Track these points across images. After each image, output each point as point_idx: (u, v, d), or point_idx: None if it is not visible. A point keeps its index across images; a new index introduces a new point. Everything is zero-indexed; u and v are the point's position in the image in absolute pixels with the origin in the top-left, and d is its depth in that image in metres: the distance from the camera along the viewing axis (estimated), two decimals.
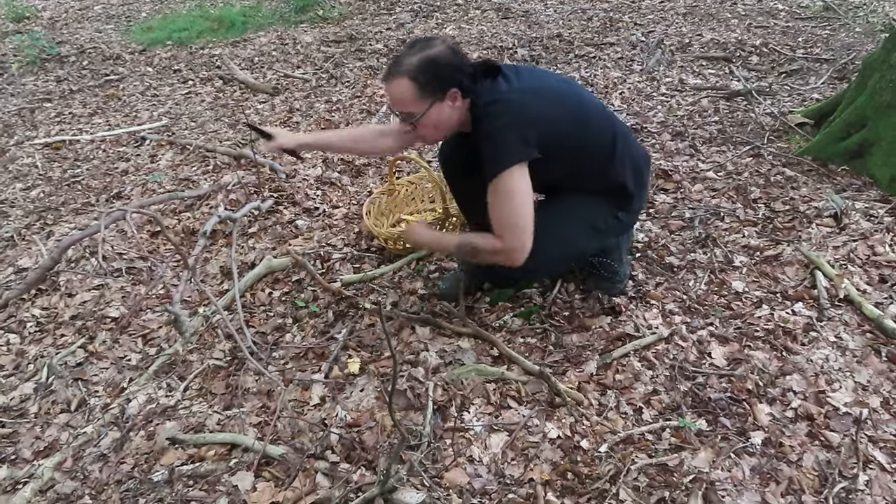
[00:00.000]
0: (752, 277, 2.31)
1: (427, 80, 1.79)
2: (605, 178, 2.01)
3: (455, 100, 1.85)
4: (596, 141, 1.96)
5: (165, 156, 3.83)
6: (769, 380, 1.90)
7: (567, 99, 1.94)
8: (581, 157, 1.96)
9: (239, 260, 2.75)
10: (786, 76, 4.05)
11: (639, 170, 2.07)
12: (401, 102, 1.86)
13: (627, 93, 3.95)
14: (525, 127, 1.81)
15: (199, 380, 2.19)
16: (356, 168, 3.43)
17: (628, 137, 2.07)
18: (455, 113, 1.89)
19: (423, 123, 1.89)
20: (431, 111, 1.85)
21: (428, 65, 1.79)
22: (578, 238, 2.08)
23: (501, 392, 1.97)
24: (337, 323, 2.34)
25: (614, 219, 2.07)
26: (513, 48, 4.98)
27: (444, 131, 1.96)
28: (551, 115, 1.86)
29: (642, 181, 2.09)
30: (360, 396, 1.99)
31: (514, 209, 1.85)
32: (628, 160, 2.02)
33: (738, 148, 3.16)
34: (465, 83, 1.84)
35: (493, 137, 1.83)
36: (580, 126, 1.92)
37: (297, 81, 4.90)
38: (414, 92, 1.81)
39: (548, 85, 1.95)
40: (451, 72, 1.82)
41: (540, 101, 1.86)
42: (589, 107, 1.98)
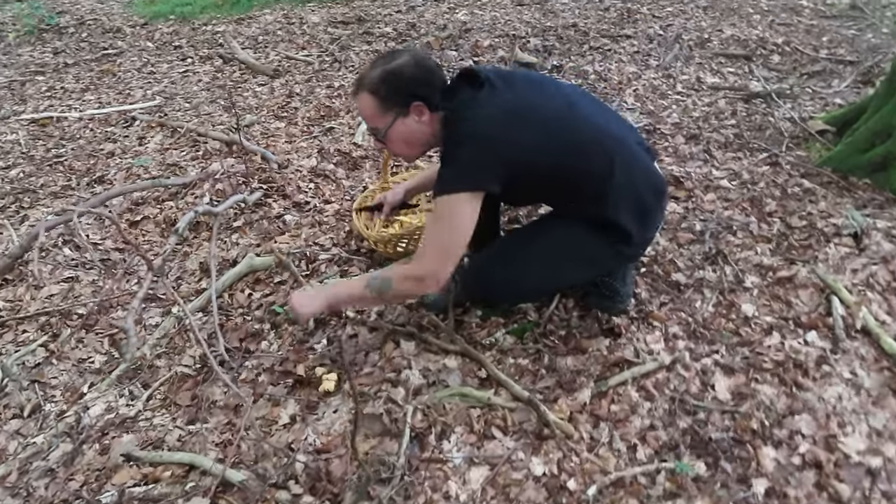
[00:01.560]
0: (764, 300, 2.14)
1: (388, 93, 1.73)
2: (595, 212, 1.81)
3: (421, 114, 1.76)
4: (580, 171, 1.76)
5: (154, 138, 3.67)
6: (776, 419, 1.74)
7: (554, 122, 1.72)
8: (564, 189, 1.79)
9: (220, 256, 2.60)
10: (808, 77, 3.85)
11: (642, 205, 1.83)
12: (367, 118, 1.82)
13: (642, 90, 3.76)
14: (488, 154, 1.66)
15: (164, 388, 2.05)
16: (353, 160, 3.27)
17: (634, 165, 1.82)
18: (424, 128, 1.78)
19: (389, 139, 1.81)
20: (395, 126, 1.77)
21: (388, 78, 1.72)
22: (569, 269, 1.93)
23: (486, 420, 1.82)
24: (317, 332, 2.19)
25: (611, 250, 1.89)
26: (525, 37, 4.78)
27: (416, 148, 1.85)
28: (527, 142, 1.67)
29: (647, 216, 1.86)
30: (332, 419, 1.85)
31: (445, 234, 1.71)
32: (629, 194, 1.79)
33: (754, 155, 2.98)
34: (430, 97, 1.74)
35: (450, 159, 1.71)
36: (565, 156, 1.72)
37: (300, 64, 4.72)
38: (376, 106, 1.76)
39: (535, 103, 1.74)
40: (413, 85, 1.73)
41: (517, 124, 1.68)
42: (582, 132, 1.75)
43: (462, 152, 1.69)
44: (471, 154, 1.68)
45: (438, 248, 1.73)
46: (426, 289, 1.77)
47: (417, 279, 1.75)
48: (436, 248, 1.73)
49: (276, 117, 3.88)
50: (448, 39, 4.97)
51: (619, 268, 2.03)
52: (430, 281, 1.73)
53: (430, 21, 5.43)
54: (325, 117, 3.83)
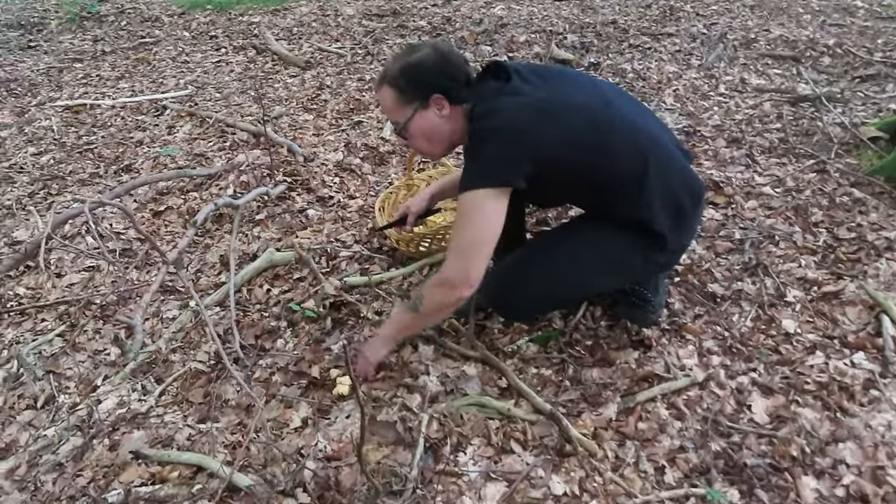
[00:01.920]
0: (807, 317, 2.01)
1: (406, 86, 1.68)
2: (627, 212, 1.70)
3: (441, 107, 1.69)
4: (613, 171, 1.65)
5: (184, 128, 3.65)
6: (818, 446, 1.62)
7: (583, 118, 1.62)
8: (594, 188, 1.69)
9: (241, 250, 2.55)
10: (860, 81, 3.66)
11: (678, 208, 1.72)
12: (387, 111, 1.77)
13: (682, 90, 3.61)
14: (513, 149, 1.57)
15: (177, 384, 2.00)
16: (379, 155, 3.19)
17: (670, 165, 1.71)
18: (446, 123, 1.71)
19: (410, 133, 1.74)
20: (415, 119, 1.71)
21: (408, 70, 1.67)
22: (598, 276, 1.81)
23: (505, 432, 1.72)
24: (334, 332, 2.12)
25: (642, 258, 1.78)
26: (563, 33, 4.66)
27: (439, 144, 1.77)
28: (556, 137, 1.57)
29: (683, 220, 1.75)
30: (344, 424, 1.77)
31: (470, 232, 1.62)
32: (663, 195, 1.68)
33: (800, 161, 2.82)
34: (451, 89, 1.67)
35: (474, 154, 1.63)
36: (596, 154, 1.61)
37: (332, 56, 4.67)
38: (395, 99, 1.71)
39: (563, 98, 1.64)
40: (432, 77, 1.67)
41: (544, 118, 1.58)
42: (617, 130, 1.64)
43: (486, 147, 1.60)
44: (495, 148, 1.59)
45: (463, 248, 1.63)
46: (457, 293, 1.63)
47: (446, 283, 1.66)
48: (461, 248, 1.64)
49: (305, 109, 3.83)
50: (483, 34, 4.87)
51: (652, 276, 1.92)
52: (460, 283, 1.62)
53: (466, 15, 5.34)
54: (354, 111, 3.77)
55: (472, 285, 1.63)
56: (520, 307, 1.91)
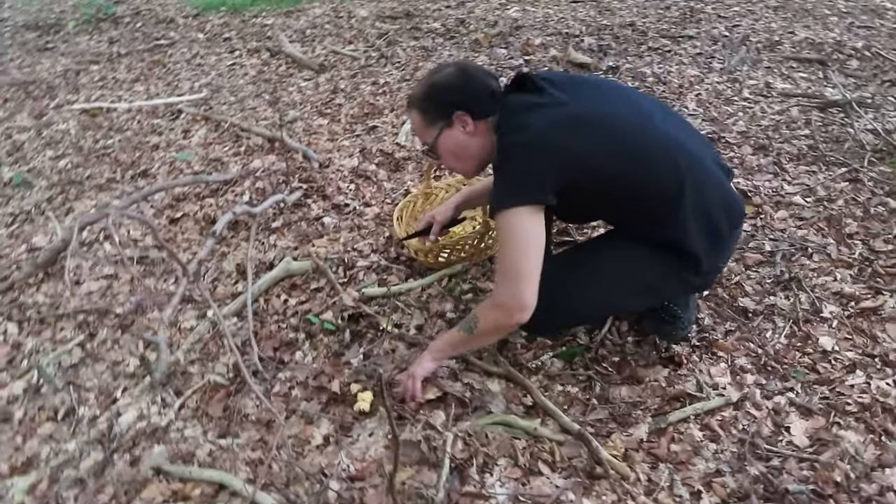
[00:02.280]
0: (845, 333, 1.94)
1: (430, 106, 1.73)
2: (661, 232, 1.65)
3: (465, 124, 1.69)
4: (648, 189, 1.59)
5: (199, 132, 3.62)
6: (863, 471, 1.55)
7: (616, 132, 1.56)
8: (626, 205, 1.64)
9: (257, 259, 2.51)
10: (890, 85, 3.57)
11: (715, 229, 1.65)
12: (417, 133, 1.83)
13: (704, 95, 3.54)
14: (543, 166, 1.53)
15: (196, 397, 1.96)
16: (395, 161, 3.14)
17: (708, 185, 1.64)
18: (472, 139, 1.71)
19: (440, 152, 1.77)
20: (442, 138, 1.74)
21: (430, 92, 1.73)
22: (627, 297, 1.77)
23: (532, 453, 1.67)
24: (353, 345, 2.07)
25: (677, 279, 1.72)
26: (580, 36, 4.59)
27: (470, 160, 1.77)
28: (585, 150, 1.53)
29: (720, 239, 1.69)
30: (367, 442, 1.73)
31: (511, 254, 1.59)
32: (699, 216, 1.61)
33: (831, 169, 2.74)
34: (471, 105, 1.66)
35: (503, 172, 1.61)
36: (629, 169, 1.56)
37: (346, 59, 4.62)
38: (422, 120, 1.76)
39: (595, 111, 1.59)
40: (454, 95, 1.69)
41: (571, 132, 1.53)
42: (652, 145, 1.58)
43: (513, 164, 1.57)
44: (522, 164, 1.55)
45: (509, 270, 1.59)
46: (513, 317, 1.59)
47: (500, 308, 1.62)
48: (507, 271, 1.61)
49: (319, 114, 3.79)
50: (498, 37, 4.81)
51: (684, 295, 1.86)
52: (514, 307, 1.58)
53: (480, 17, 5.28)
54: (369, 115, 3.72)
55: (528, 308, 1.57)
56: (548, 324, 1.86)
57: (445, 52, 4.51)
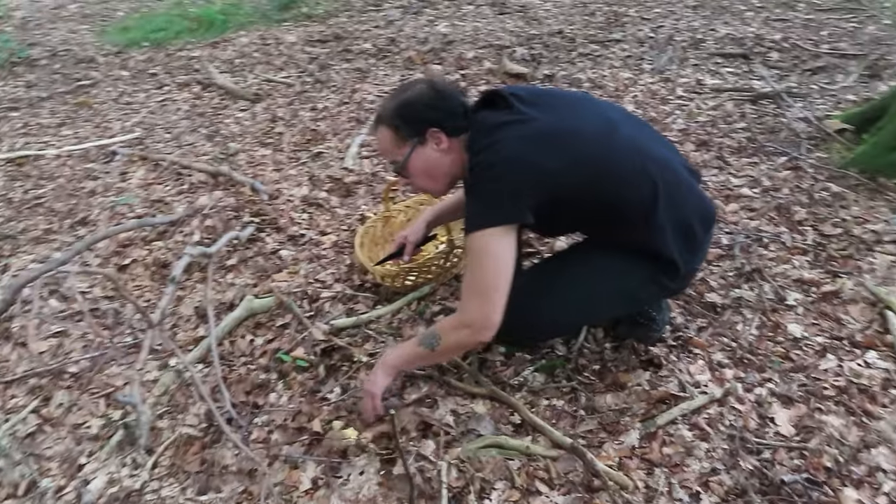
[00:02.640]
0: (811, 319, 2.00)
1: (402, 123, 1.66)
2: (639, 240, 1.66)
3: (439, 141, 1.65)
4: (622, 199, 1.59)
5: (137, 173, 3.47)
6: (851, 454, 1.59)
7: (587, 144, 1.56)
8: (601, 217, 1.64)
9: (216, 300, 2.41)
10: (811, 74, 3.74)
11: (689, 230, 1.67)
12: (385, 152, 1.75)
13: (641, 96, 3.62)
14: (517, 184, 1.52)
15: (169, 453, 1.85)
16: (346, 187, 3.09)
17: (680, 190, 1.65)
18: (445, 157, 1.67)
19: (410, 171, 1.70)
20: (414, 156, 1.68)
21: (402, 108, 1.66)
22: (608, 304, 1.78)
23: (528, 472, 1.65)
24: (329, 379, 2.01)
25: (656, 285, 1.73)
26: (511, 46, 4.65)
27: (441, 179, 1.73)
28: (560, 167, 1.52)
29: (695, 243, 1.70)
30: (359, 482, 1.67)
31: (483, 275, 1.57)
32: (674, 222, 1.63)
33: (772, 159, 2.84)
34: (447, 121, 1.63)
35: (478, 192, 1.57)
36: (604, 182, 1.57)
37: (280, 86, 4.55)
38: (392, 138, 1.68)
39: (565, 125, 1.58)
40: (427, 111, 1.64)
41: (544, 148, 1.52)
42: (624, 155, 1.59)
43: (487, 183, 1.54)
44: (497, 184, 1.53)
45: (479, 291, 1.58)
46: (478, 336, 1.61)
47: (465, 327, 1.61)
48: (476, 291, 1.59)
49: (260, 144, 3.70)
50: (430, 53, 4.83)
51: (661, 299, 1.88)
52: (481, 327, 1.58)
53: (411, 35, 5.28)
54: (312, 141, 3.66)
55: (494, 327, 1.57)
56: (528, 335, 1.85)
57: (380, 73, 4.49)
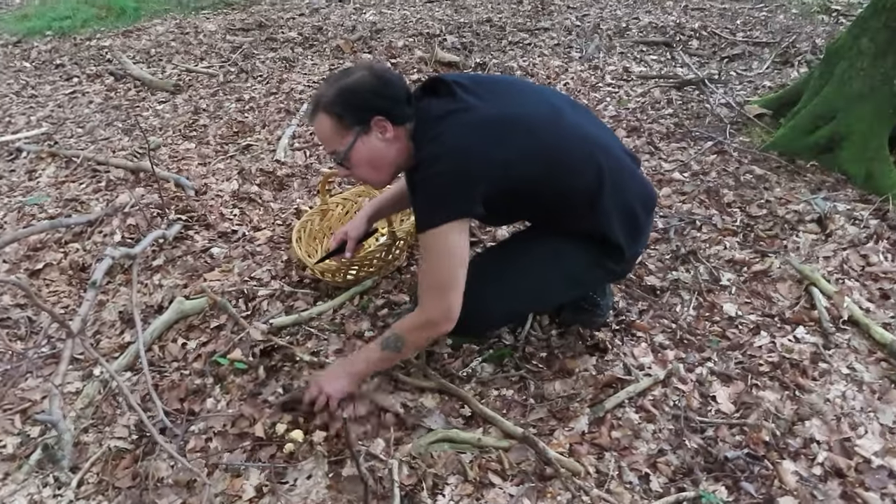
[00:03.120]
0: (744, 298, 2.06)
1: (345, 111, 1.56)
2: (586, 226, 1.66)
3: (384, 130, 1.57)
4: (571, 185, 1.60)
5: (46, 171, 3.25)
6: (786, 427, 1.65)
7: (533, 132, 1.55)
8: (551, 204, 1.64)
9: (143, 303, 2.28)
10: (728, 61, 3.87)
11: (632, 215, 1.69)
12: (325, 140, 1.63)
13: (572, 83, 3.66)
14: (467, 177, 1.49)
15: (96, 469, 1.74)
16: (278, 180, 2.99)
17: (623, 175, 1.67)
18: (390, 146, 1.59)
19: (353, 161, 1.60)
20: (357, 146, 1.58)
21: (344, 94, 1.55)
22: (555, 290, 1.78)
23: (480, 465, 1.63)
24: (270, 381, 1.93)
25: (601, 269, 1.75)
26: (440, 35, 4.61)
27: (385, 170, 1.64)
28: (505, 157, 1.50)
29: (637, 227, 1.72)
30: (307, 486, 1.60)
31: (440, 271, 1.56)
32: (618, 206, 1.64)
33: (699, 144, 2.92)
34: (392, 109, 1.56)
35: (427, 187, 1.53)
36: (552, 169, 1.56)
37: (202, 77, 4.36)
38: (334, 126, 1.57)
39: (510, 113, 1.56)
40: (372, 98, 1.55)
41: (490, 139, 1.50)
42: (570, 142, 1.59)
43: (436, 178, 1.50)
44: (446, 178, 1.49)
45: (437, 287, 1.57)
46: (440, 330, 1.62)
47: (427, 325, 1.61)
48: (434, 288, 1.57)
49: (183, 137, 3.54)
50: (359, 42, 4.74)
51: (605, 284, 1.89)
52: (443, 322, 1.59)
53: (338, 23, 5.18)
54: (239, 134, 3.52)
55: (454, 320, 1.58)
56: (477, 325, 1.82)
57: (308, 62, 4.37)
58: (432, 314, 1.59)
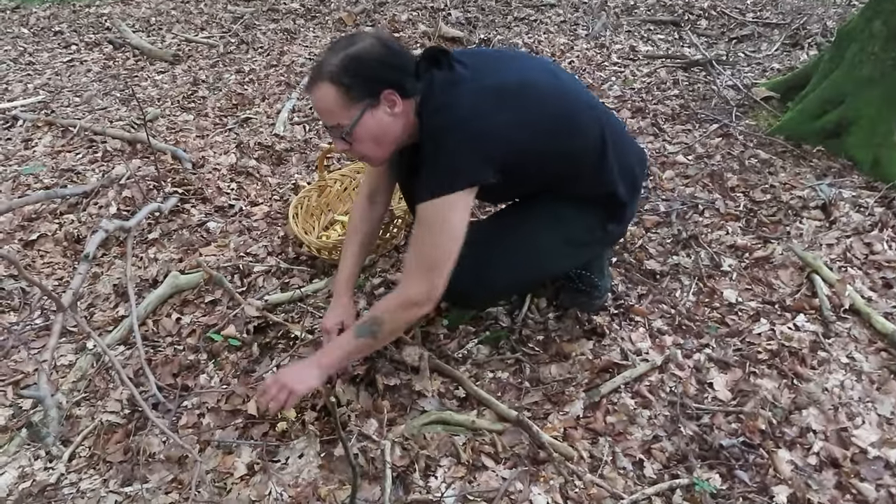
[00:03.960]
0: (745, 284, 2.03)
1: (353, 82, 1.43)
2: (594, 186, 1.65)
3: (393, 104, 1.47)
4: (581, 147, 1.58)
5: (43, 140, 3.22)
6: (783, 416, 1.63)
7: (541, 99, 1.51)
8: (562, 167, 1.60)
9: (137, 277, 2.26)
10: (737, 42, 3.81)
11: (631, 173, 1.70)
12: (327, 113, 1.49)
13: (577, 62, 3.60)
14: (481, 143, 1.43)
15: (88, 443, 1.73)
16: (277, 154, 2.95)
17: (619, 134, 1.69)
18: (397, 121, 1.50)
19: (357, 136, 1.49)
20: (364, 120, 1.47)
21: (353, 64, 1.43)
22: (557, 256, 1.74)
23: (473, 447, 1.61)
24: (263, 358, 1.92)
25: (602, 231, 1.72)
26: (445, 9, 4.53)
27: (387, 146, 1.55)
28: (519, 122, 1.46)
29: (635, 185, 1.74)
30: (298, 465, 1.60)
31: (435, 246, 1.47)
32: (620, 162, 1.64)
33: (704, 126, 2.88)
34: (403, 82, 1.47)
35: (437, 155, 1.46)
36: (561, 132, 1.53)
37: (202, 47, 4.30)
38: (339, 98, 1.45)
39: (517, 79, 1.52)
40: (382, 69, 1.45)
41: (504, 103, 1.46)
42: (574, 103, 1.57)
43: (450, 145, 1.44)
44: (460, 143, 1.44)
45: (428, 264, 1.48)
46: (422, 312, 1.52)
47: (411, 305, 1.50)
48: (425, 264, 1.48)
49: (182, 109, 3.50)
50: (362, 14, 4.67)
51: (598, 257, 1.87)
52: (428, 302, 1.49)
53: None
54: (239, 106, 3.48)
55: (436, 300, 1.50)
56: (481, 296, 1.79)
57: (310, 34, 4.31)
58: (417, 293, 1.50)
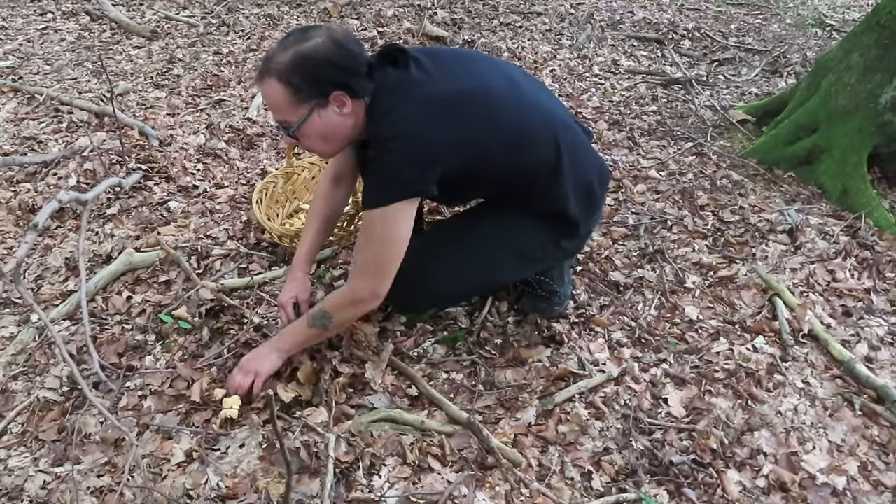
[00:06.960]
0: (707, 302, 2.03)
1: (302, 82, 1.41)
2: (545, 200, 1.62)
3: (343, 105, 1.45)
4: (533, 160, 1.55)
5: (7, 106, 3.11)
6: (735, 436, 1.62)
7: (499, 107, 1.49)
8: (512, 180, 1.59)
9: (91, 251, 2.19)
10: (718, 64, 3.84)
11: (589, 190, 1.67)
12: (276, 109, 1.48)
13: (559, 70, 3.60)
14: (422, 156, 1.42)
15: (21, 420, 1.66)
16: (247, 138, 2.89)
17: (579, 148, 1.65)
18: (346, 120, 1.48)
19: (304, 134, 1.48)
20: (312, 119, 1.46)
21: (302, 63, 1.40)
22: (505, 268, 1.74)
23: (421, 448, 1.58)
24: (213, 343, 1.86)
25: (554, 246, 1.71)
26: (432, 8, 4.50)
27: (336, 142, 1.54)
28: (464, 135, 1.44)
29: (593, 203, 1.71)
30: (238, 455, 1.54)
31: (379, 250, 1.50)
32: (574, 180, 1.61)
33: (679, 143, 2.88)
34: (353, 83, 1.44)
35: (380, 164, 1.45)
36: (510, 145, 1.51)
37: (182, 26, 4.21)
38: (287, 97, 1.43)
39: (471, 87, 1.49)
40: (332, 70, 1.42)
41: (451, 114, 1.44)
42: (529, 116, 1.54)
43: (390, 157, 1.43)
44: (402, 155, 1.43)
45: (373, 266, 1.51)
46: (367, 308, 1.59)
47: (359, 303, 1.56)
48: (370, 266, 1.52)
49: (155, 86, 3.41)
50: (348, 7, 4.61)
51: (559, 263, 1.85)
52: (371, 302, 1.55)
53: None
54: (214, 87, 3.41)
55: (382, 297, 1.54)
56: (425, 304, 1.79)
57: (293, 21, 4.25)
58: (360, 293, 1.54)
